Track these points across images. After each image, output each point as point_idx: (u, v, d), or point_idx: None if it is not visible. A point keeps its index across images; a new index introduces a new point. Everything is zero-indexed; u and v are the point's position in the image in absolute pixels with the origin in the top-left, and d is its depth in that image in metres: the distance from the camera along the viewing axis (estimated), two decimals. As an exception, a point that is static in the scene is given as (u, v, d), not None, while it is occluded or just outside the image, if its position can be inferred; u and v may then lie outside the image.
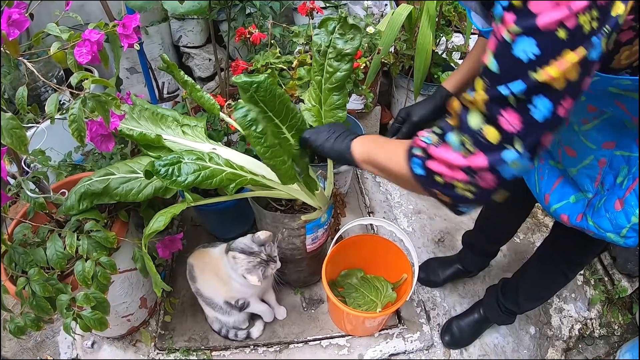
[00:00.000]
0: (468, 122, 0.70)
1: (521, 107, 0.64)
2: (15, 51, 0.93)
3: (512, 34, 0.62)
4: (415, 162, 0.79)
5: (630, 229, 0.99)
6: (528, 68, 0.61)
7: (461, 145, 0.71)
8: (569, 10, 0.58)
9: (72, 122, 0.91)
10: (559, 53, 0.60)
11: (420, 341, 1.66)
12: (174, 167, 1.11)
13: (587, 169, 1.06)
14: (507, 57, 0.63)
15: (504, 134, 0.66)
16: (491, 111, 0.67)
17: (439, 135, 0.76)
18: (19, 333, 1.14)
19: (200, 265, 1.53)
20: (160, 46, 2.65)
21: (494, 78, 0.65)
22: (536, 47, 0.60)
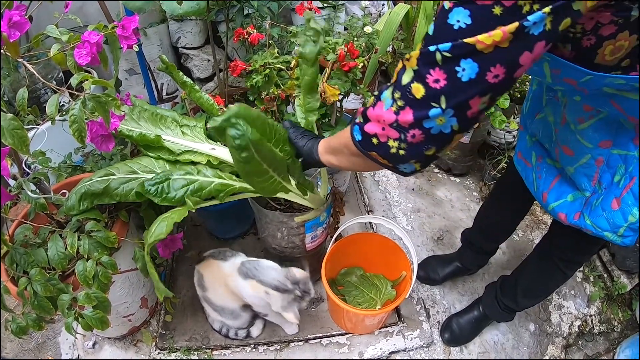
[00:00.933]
0: (401, 79, 0.72)
1: (448, 67, 0.66)
2: (16, 53, 0.94)
3: (451, 2, 0.63)
4: (355, 129, 0.82)
5: (627, 228, 0.99)
6: (457, 35, 0.63)
7: (392, 100, 0.73)
8: None
9: (72, 122, 0.92)
10: (491, 28, 0.61)
11: (420, 339, 1.67)
12: (163, 185, 1.17)
13: (584, 167, 1.07)
14: (442, 22, 0.65)
15: (429, 90, 0.68)
16: (421, 69, 0.69)
17: (375, 96, 0.78)
18: (21, 333, 1.15)
19: (210, 276, 1.52)
20: (159, 47, 2.65)
21: (427, 39, 0.68)
22: (469, 17, 0.62)
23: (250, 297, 1.43)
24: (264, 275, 1.39)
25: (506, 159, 2.16)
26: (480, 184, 2.36)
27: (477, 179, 2.41)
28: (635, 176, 0.97)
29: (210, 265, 1.52)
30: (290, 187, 1.21)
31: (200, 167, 1.23)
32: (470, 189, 2.35)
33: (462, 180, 2.40)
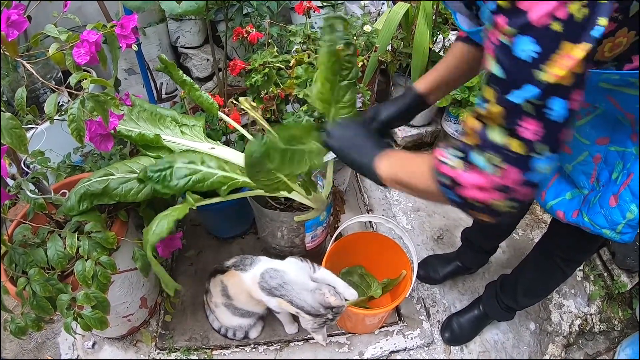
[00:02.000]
0: (490, 139, 0.68)
1: (538, 112, 0.64)
2: (14, 52, 0.93)
3: (509, 36, 0.61)
4: (448, 192, 0.77)
5: (625, 224, 0.99)
6: (532, 67, 0.61)
7: (489, 164, 0.70)
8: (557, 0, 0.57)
9: (71, 121, 0.91)
10: (558, 46, 0.59)
11: (420, 338, 1.67)
12: (166, 172, 1.14)
13: (582, 165, 1.07)
14: (510, 59, 0.62)
15: (529, 144, 0.66)
16: (510, 123, 0.66)
17: (462, 159, 0.74)
18: (20, 333, 1.15)
19: (233, 286, 1.49)
20: (158, 47, 2.65)
21: (502, 84, 0.65)
22: (535, 44, 0.60)
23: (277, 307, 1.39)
24: (294, 296, 1.31)
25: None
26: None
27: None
28: (633, 172, 0.97)
29: (233, 276, 1.48)
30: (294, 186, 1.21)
31: (204, 158, 1.21)
32: (470, 188, 2.34)
33: (462, 179, 2.40)
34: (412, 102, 1.20)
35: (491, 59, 0.65)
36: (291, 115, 1.68)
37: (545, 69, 0.60)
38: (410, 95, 1.20)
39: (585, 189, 1.09)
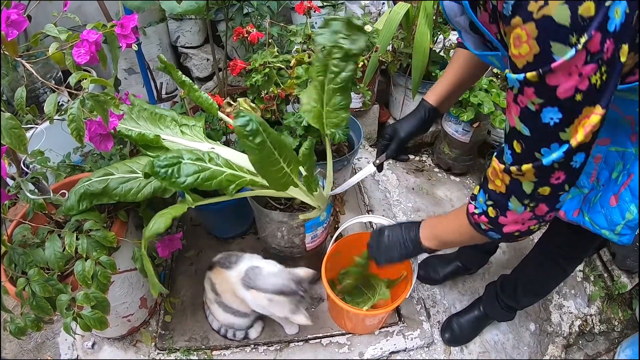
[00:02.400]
0: (524, 190, 0.80)
1: (564, 166, 0.74)
2: (14, 51, 0.93)
3: (536, 105, 0.68)
4: (490, 234, 0.94)
5: (624, 225, 1.00)
6: (557, 130, 0.69)
7: (524, 206, 0.83)
8: (581, 76, 0.63)
9: (71, 121, 0.91)
10: (580, 112, 0.67)
11: (420, 339, 1.66)
12: (173, 168, 1.11)
13: None
14: (536, 123, 0.71)
15: (555, 187, 0.78)
16: (542, 178, 0.77)
17: (494, 206, 0.88)
18: (20, 334, 1.14)
19: (221, 283, 1.51)
20: (158, 47, 2.65)
21: (527, 141, 0.74)
22: (559, 112, 0.67)
23: (255, 305, 1.43)
24: (263, 282, 1.37)
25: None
26: (481, 183, 2.35)
27: (477, 178, 2.40)
28: (633, 173, 0.98)
29: (220, 273, 1.50)
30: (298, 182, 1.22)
31: (211, 155, 1.21)
32: (470, 188, 2.34)
33: (462, 179, 2.40)
34: (426, 115, 1.29)
35: (516, 118, 0.73)
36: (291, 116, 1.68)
37: (567, 130, 0.69)
38: (423, 109, 1.29)
39: (585, 188, 1.09)
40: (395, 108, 2.55)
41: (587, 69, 0.63)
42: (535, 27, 0.62)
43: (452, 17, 0.95)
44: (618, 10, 0.60)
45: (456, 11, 0.93)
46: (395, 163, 2.46)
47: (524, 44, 0.64)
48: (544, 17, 0.61)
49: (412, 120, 1.31)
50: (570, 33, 0.60)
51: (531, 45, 0.64)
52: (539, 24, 0.62)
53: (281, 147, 1.09)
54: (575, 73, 0.63)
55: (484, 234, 0.95)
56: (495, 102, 1.99)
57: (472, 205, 0.95)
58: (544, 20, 0.61)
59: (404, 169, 2.45)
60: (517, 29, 0.65)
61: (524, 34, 0.64)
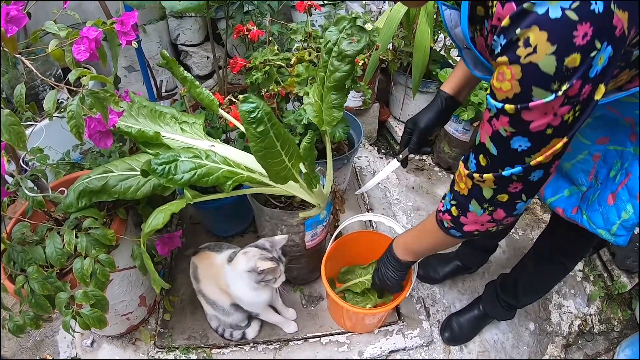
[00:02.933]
0: (483, 195, 0.86)
1: (522, 179, 0.79)
2: (14, 48, 0.93)
3: (508, 132, 0.72)
4: (452, 232, 1.00)
5: (620, 225, 1.01)
6: (523, 156, 0.75)
7: (483, 209, 0.88)
8: (555, 115, 0.67)
9: (70, 118, 0.91)
10: (548, 143, 0.72)
11: (420, 338, 1.66)
12: (170, 166, 1.12)
13: (581, 163, 1.08)
14: (504, 146, 0.75)
15: (512, 196, 0.83)
16: (500, 187, 0.82)
17: (456, 206, 0.94)
18: (18, 332, 1.14)
19: (203, 267, 1.53)
20: (158, 44, 2.65)
21: (494, 159, 0.79)
22: (528, 142, 0.72)
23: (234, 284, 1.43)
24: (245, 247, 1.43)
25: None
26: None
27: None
28: (631, 172, 0.98)
29: (206, 256, 1.52)
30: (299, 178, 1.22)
31: (208, 152, 1.22)
32: (470, 187, 2.34)
33: (462, 178, 2.39)
34: (443, 105, 1.29)
35: (487, 137, 0.78)
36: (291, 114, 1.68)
37: (533, 157, 0.74)
38: (440, 99, 1.29)
39: (583, 186, 1.09)
40: (395, 107, 2.55)
41: (563, 110, 0.66)
42: (520, 70, 0.64)
43: (451, 28, 0.96)
44: (602, 58, 0.63)
45: (456, 21, 0.93)
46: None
47: (507, 81, 0.67)
48: (530, 64, 0.63)
49: (430, 111, 1.30)
50: (553, 81, 0.63)
51: (513, 85, 0.66)
52: (524, 68, 0.64)
53: (284, 139, 1.09)
54: (550, 113, 0.67)
55: (446, 232, 1.01)
56: (495, 101, 1.99)
57: (441, 203, 1.01)
58: (530, 66, 0.63)
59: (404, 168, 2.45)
60: (503, 66, 0.67)
61: (509, 72, 0.66)
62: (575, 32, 0.60)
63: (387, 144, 2.65)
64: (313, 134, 1.20)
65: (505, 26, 0.65)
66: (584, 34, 0.60)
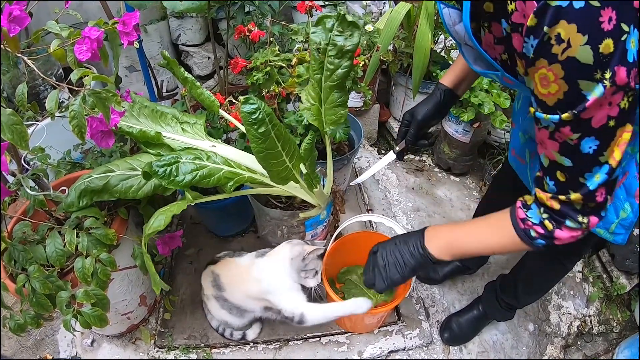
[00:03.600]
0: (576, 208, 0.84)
1: (607, 184, 0.79)
2: (16, 47, 0.93)
3: (575, 139, 0.73)
4: (538, 242, 0.92)
5: (618, 224, 1.01)
6: (597, 156, 0.74)
7: (577, 222, 0.85)
8: (610, 105, 0.68)
9: (72, 118, 0.91)
10: (614, 135, 0.72)
11: (419, 338, 1.66)
12: (171, 167, 1.13)
13: None
14: (576, 154, 0.75)
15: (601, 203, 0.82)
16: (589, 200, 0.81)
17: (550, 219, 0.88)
18: (19, 330, 1.14)
19: (226, 275, 1.51)
20: (159, 44, 2.65)
21: (571, 170, 0.79)
22: (596, 140, 0.72)
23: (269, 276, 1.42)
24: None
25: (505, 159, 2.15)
26: (480, 183, 2.36)
27: (477, 178, 2.40)
28: (628, 171, 0.98)
29: (227, 263, 1.51)
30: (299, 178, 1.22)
31: (209, 154, 1.22)
32: (470, 188, 2.34)
33: (462, 179, 2.40)
34: (441, 98, 1.28)
35: (555, 153, 0.78)
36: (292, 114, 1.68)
37: (605, 154, 0.74)
38: (438, 92, 1.28)
39: None
40: (395, 108, 2.55)
41: (616, 98, 0.67)
42: (562, 68, 0.66)
43: (450, 25, 0.95)
44: (633, 41, 0.64)
45: (455, 19, 0.93)
46: (395, 163, 2.46)
47: (552, 83, 0.68)
48: (568, 59, 0.64)
49: (428, 103, 1.30)
50: (595, 70, 0.64)
51: (560, 85, 0.67)
52: (565, 65, 0.65)
53: (285, 140, 1.09)
54: (605, 104, 0.67)
55: (530, 242, 0.93)
56: (495, 102, 1.99)
57: (523, 211, 0.93)
58: (569, 61, 0.65)
59: (404, 168, 2.45)
60: (543, 69, 0.68)
61: (551, 74, 0.67)
62: (600, 18, 0.61)
63: (387, 145, 2.66)
64: (314, 135, 1.21)
65: (533, 25, 0.65)
66: (609, 18, 0.61)
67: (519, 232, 0.94)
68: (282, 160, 1.12)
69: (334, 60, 1.22)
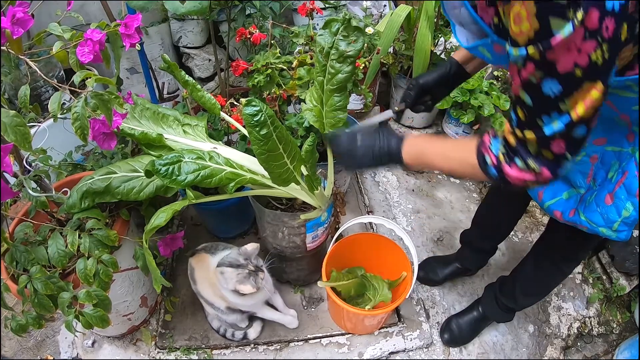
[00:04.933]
0: (529, 150, 0.83)
1: (566, 137, 0.78)
2: (19, 49, 0.94)
3: (538, 77, 0.72)
4: (491, 169, 0.91)
5: (621, 222, 1.01)
6: (557, 101, 0.73)
7: (527, 167, 0.85)
8: (579, 52, 0.67)
9: (75, 120, 0.91)
10: (579, 86, 0.71)
11: (419, 339, 1.67)
12: (174, 166, 1.13)
13: (578, 164, 1.08)
14: (537, 93, 0.75)
15: (557, 155, 0.81)
16: (543, 145, 0.81)
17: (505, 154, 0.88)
18: (21, 331, 1.15)
19: (199, 269, 1.54)
20: (161, 47, 2.65)
21: (530, 110, 0.78)
22: (559, 84, 0.71)
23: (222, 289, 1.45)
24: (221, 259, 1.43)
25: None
26: (480, 185, 2.36)
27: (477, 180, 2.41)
28: (628, 170, 0.98)
29: (201, 258, 1.54)
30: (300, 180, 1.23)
31: (212, 154, 1.23)
32: (470, 190, 2.35)
33: (462, 181, 2.40)
34: (449, 69, 1.28)
35: (520, 88, 0.77)
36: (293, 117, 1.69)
37: (567, 102, 0.73)
38: (448, 63, 1.29)
39: (582, 188, 1.10)
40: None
41: (586, 45, 0.66)
42: (534, 4, 0.66)
43: (449, 9, 0.96)
44: None
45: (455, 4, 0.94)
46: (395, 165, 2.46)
47: (525, 21, 0.68)
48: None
49: (435, 71, 1.30)
50: (567, 8, 0.64)
51: (531, 22, 0.68)
52: (538, 1, 0.66)
53: (286, 142, 1.10)
54: (574, 49, 0.67)
55: (483, 167, 0.93)
56: (495, 104, 2.00)
57: (489, 137, 0.93)
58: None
59: (404, 170, 2.46)
60: (516, 6, 0.69)
61: (524, 11, 0.67)
62: None
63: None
64: (315, 137, 1.21)
65: None
66: None
67: (478, 155, 0.94)
68: (284, 162, 1.12)
69: (335, 64, 1.23)
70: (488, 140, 0.93)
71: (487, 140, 0.93)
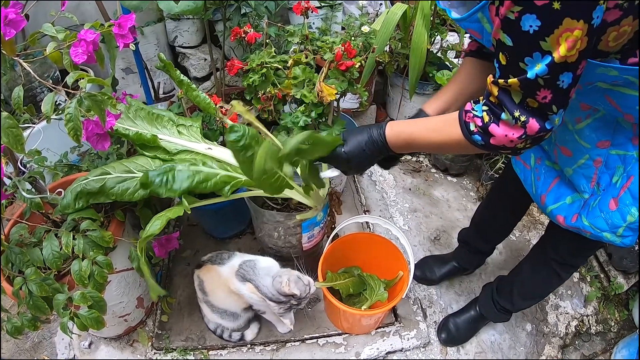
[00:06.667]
0: (513, 99, 0.82)
1: (550, 84, 0.76)
2: (12, 51, 0.93)
3: (515, 13, 0.71)
4: (475, 137, 0.90)
5: (626, 228, 0.99)
6: (537, 38, 0.72)
7: (513, 117, 0.82)
8: None
9: (68, 121, 0.91)
10: (559, 22, 0.69)
11: (416, 339, 1.67)
12: (167, 176, 1.14)
13: (582, 168, 1.07)
14: (516, 31, 0.74)
15: (542, 105, 0.79)
16: (527, 92, 0.79)
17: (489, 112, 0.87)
18: (16, 333, 1.14)
19: (209, 281, 1.52)
20: (156, 46, 2.65)
21: (511, 51, 0.77)
22: (537, 19, 0.70)
23: (250, 298, 1.43)
24: (259, 280, 1.39)
25: (503, 159, 2.16)
26: (477, 184, 2.36)
27: (474, 179, 2.41)
28: (633, 175, 0.97)
29: (210, 270, 1.51)
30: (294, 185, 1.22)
31: (205, 159, 1.23)
32: (467, 189, 2.35)
33: (459, 180, 2.40)
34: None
35: (499, 30, 0.76)
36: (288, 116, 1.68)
37: (548, 40, 0.71)
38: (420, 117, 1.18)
39: (586, 193, 1.08)
40: (392, 108, 2.56)
41: None
42: None
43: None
44: None
45: None
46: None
47: None
48: None
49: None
50: None
51: None
52: None
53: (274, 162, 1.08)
54: None
55: (468, 136, 0.91)
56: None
57: (471, 105, 0.92)
58: None
59: (401, 169, 2.45)
60: None
61: None
62: None
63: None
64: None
65: None
66: None
67: (461, 124, 0.93)
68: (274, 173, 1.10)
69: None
70: (470, 106, 0.92)
71: (469, 107, 0.92)
